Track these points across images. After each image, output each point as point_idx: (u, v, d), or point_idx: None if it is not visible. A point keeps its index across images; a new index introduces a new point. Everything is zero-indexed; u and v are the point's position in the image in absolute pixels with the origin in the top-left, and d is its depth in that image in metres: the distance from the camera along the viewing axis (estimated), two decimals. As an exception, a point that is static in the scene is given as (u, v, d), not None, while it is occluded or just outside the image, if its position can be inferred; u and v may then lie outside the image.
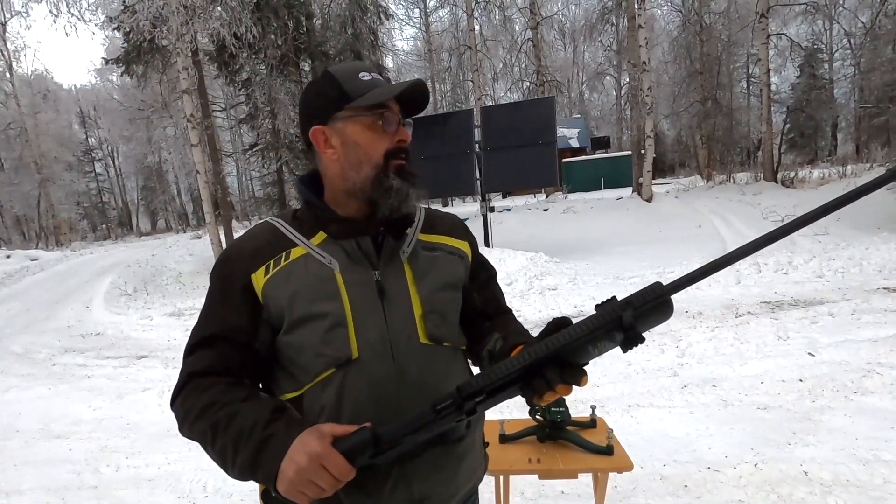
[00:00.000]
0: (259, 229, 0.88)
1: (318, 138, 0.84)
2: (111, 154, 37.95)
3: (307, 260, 0.82)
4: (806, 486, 2.17)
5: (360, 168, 0.83)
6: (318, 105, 0.85)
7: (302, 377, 0.80)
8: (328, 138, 0.84)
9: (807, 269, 6.24)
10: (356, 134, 0.82)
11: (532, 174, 8.99)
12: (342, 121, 0.83)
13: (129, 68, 11.39)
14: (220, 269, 0.86)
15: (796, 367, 3.43)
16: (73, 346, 6.63)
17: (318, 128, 0.84)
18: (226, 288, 0.84)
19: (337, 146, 0.83)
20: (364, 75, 0.84)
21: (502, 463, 1.42)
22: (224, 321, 0.82)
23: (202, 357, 0.81)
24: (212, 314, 0.84)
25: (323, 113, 0.84)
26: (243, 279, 0.82)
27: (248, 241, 0.86)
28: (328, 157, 0.85)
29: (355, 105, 0.82)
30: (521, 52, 17.95)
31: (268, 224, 0.88)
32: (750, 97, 24.65)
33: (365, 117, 0.82)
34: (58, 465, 3.15)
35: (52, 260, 14.39)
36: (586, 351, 0.65)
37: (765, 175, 13.73)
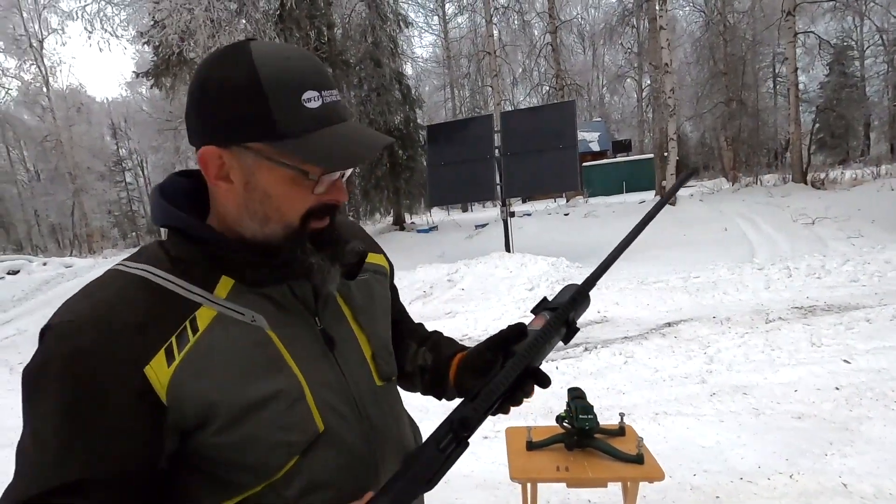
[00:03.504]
0: (127, 288, 0.56)
1: (208, 162, 0.57)
2: (140, 164, 39.19)
3: (224, 324, 0.57)
4: (845, 499, 2.08)
5: (266, 223, 0.59)
6: (226, 118, 0.55)
7: (251, 479, 0.58)
8: (225, 169, 0.57)
9: (840, 273, 6.03)
10: (270, 184, 0.57)
11: (553, 179, 8.94)
12: (254, 157, 0.56)
13: (157, 81, 11.76)
14: (75, 370, 0.51)
15: (831, 374, 3.31)
16: (105, 350, 6.83)
17: (212, 149, 0.56)
18: (97, 399, 0.51)
19: (237, 184, 0.58)
20: (309, 97, 0.55)
21: (530, 471, 1.41)
22: (99, 457, 0.51)
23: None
24: (69, 450, 0.50)
25: (229, 132, 0.56)
26: (132, 378, 0.52)
27: (120, 310, 0.54)
28: (220, 190, 0.60)
29: (282, 147, 0.55)
30: (541, 56, 17.90)
31: (136, 277, 0.57)
32: (777, 97, 24.07)
33: (288, 169, 0.56)
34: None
35: (85, 267, 14.89)
36: (545, 353, 0.66)
37: (794, 177, 13.35)
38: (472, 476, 2.62)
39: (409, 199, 16.27)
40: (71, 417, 0.51)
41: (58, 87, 25.95)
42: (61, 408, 0.51)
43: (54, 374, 0.51)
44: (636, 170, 24.12)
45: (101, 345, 0.52)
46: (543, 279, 7.22)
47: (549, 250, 8.91)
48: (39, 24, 23.60)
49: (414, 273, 8.39)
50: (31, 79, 24.09)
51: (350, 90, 14.40)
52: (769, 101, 23.88)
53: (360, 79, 14.58)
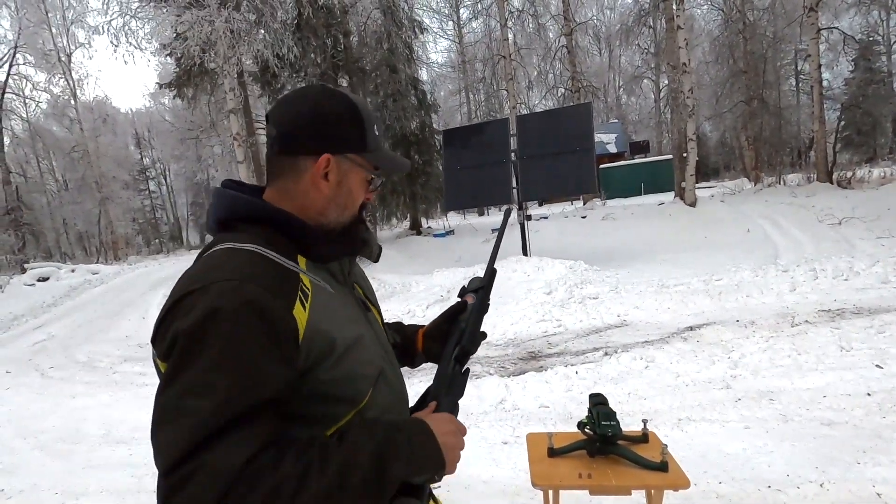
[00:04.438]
0: (251, 258, 0.70)
1: (321, 166, 0.77)
2: (163, 172, 40.15)
3: (318, 288, 0.74)
4: (879, 509, 2.02)
5: (343, 212, 0.81)
6: (339, 135, 0.79)
7: (346, 409, 0.73)
8: (327, 170, 0.78)
9: (870, 275, 5.85)
10: (354, 182, 0.81)
11: (570, 181, 8.88)
12: (350, 163, 0.80)
13: (180, 91, 12.06)
14: (247, 322, 0.63)
15: (862, 380, 3.22)
16: (131, 355, 6.99)
17: (328, 156, 0.77)
18: (272, 334, 0.64)
19: (331, 182, 0.79)
20: (376, 129, 0.84)
21: (552, 477, 1.39)
22: (277, 378, 0.64)
23: (236, 449, 0.59)
24: (249, 378, 0.61)
25: (340, 145, 0.79)
26: (288, 319, 0.66)
27: (259, 272, 0.68)
28: (318, 189, 0.78)
29: (368, 157, 0.82)
30: (556, 59, 17.84)
31: (251, 251, 0.71)
32: (799, 95, 23.54)
33: (366, 172, 0.83)
34: (120, 469, 3.32)
35: (110, 273, 15.28)
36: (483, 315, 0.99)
37: (818, 176, 13.02)
38: (492, 482, 2.61)
39: (426, 204, 16.32)
40: (253, 349, 0.63)
41: (85, 99, 26.79)
42: (238, 349, 0.62)
43: (227, 319, 0.62)
44: (654, 171, 23.80)
45: (261, 294, 0.65)
46: (561, 283, 7.17)
47: (567, 253, 8.84)
48: (67, 38, 24.39)
49: (431, 277, 8.41)
50: (59, 92, 24.89)
51: (367, 97, 14.54)
52: (791, 100, 23.36)
53: (377, 85, 14.70)
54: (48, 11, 23.42)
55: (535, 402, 3.61)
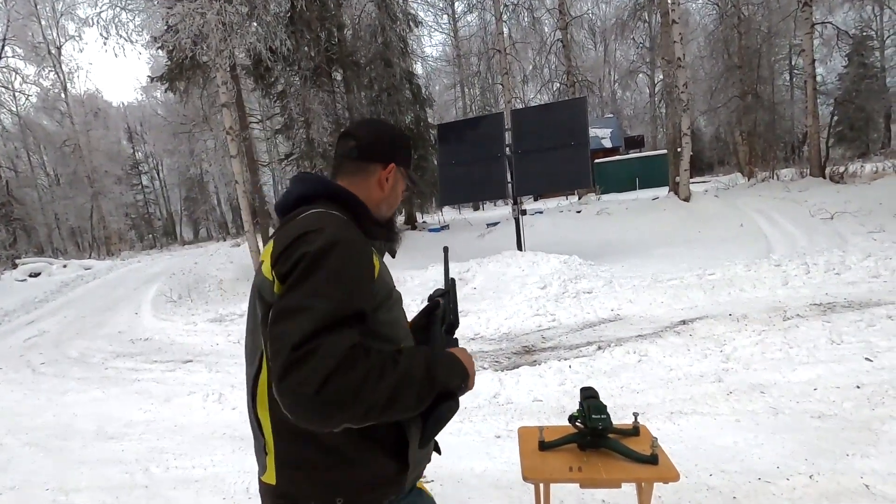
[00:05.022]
0: (345, 222, 0.94)
1: (387, 173, 1.08)
2: (156, 167, 39.81)
3: (378, 252, 1.02)
4: (868, 501, 2.04)
5: (389, 209, 1.12)
6: (403, 153, 1.13)
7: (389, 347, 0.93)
8: (389, 177, 1.09)
9: (861, 269, 5.89)
10: (399, 188, 1.13)
11: (564, 176, 8.88)
12: (402, 175, 1.13)
13: (172, 85, 11.93)
14: (347, 250, 0.86)
15: (853, 372, 3.25)
16: (123, 350, 6.96)
17: (394, 167, 1.09)
18: (359, 269, 0.88)
19: (388, 186, 1.09)
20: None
21: (542, 471, 1.40)
22: (359, 297, 0.86)
23: (344, 336, 0.80)
24: (344, 292, 0.83)
25: (401, 160, 1.12)
26: (374, 261, 0.93)
27: (353, 231, 0.93)
28: (380, 188, 1.08)
29: (409, 172, 1.15)
30: (551, 53, 17.77)
31: (343, 219, 0.94)
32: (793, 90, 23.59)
33: (406, 182, 1.15)
34: (112, 466, 3.30)
35: (103, 269, 15.17)
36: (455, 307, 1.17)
37: (811, 171, 13.07)
38: (485, 476, 2.62)
39: (421, 199, 16.29)
40: (352, 275, 0.86)
41: (76, 92, 26.50)
42: (344, 266, 0.85)
43: (342, 247, 0.86)
44: (649, 166, 23.85)
45: (361, 245, 0.91)
46: (555, 277, 7.18)
47: (562, 248, 8.85)
48: (57, 31, 24.09)
49: (426, 272, 8.40)
50: (49, 85, 24.61)
51: (361, 91, 14.45)
52: (785, 94, 23.42)
53: (371, 79, 14.62)
54: (37, 3, 23.10)
55: (528, 396, 3.62)
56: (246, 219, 10.55)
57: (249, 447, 3.37)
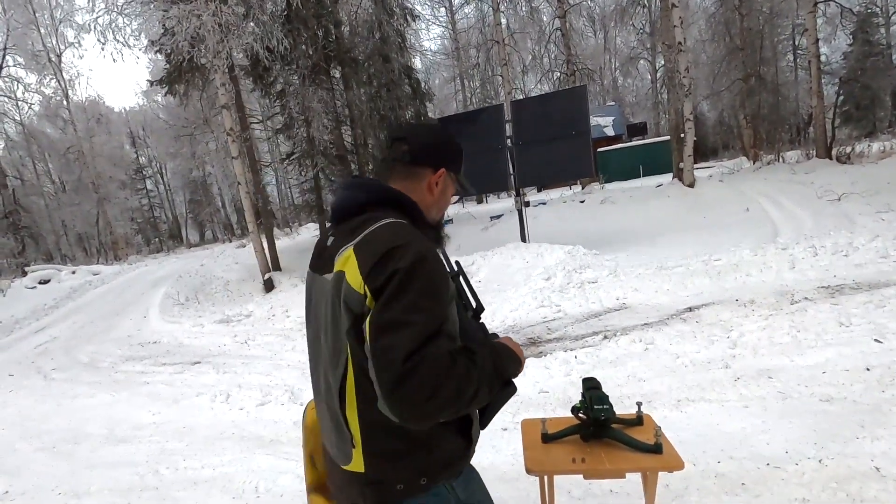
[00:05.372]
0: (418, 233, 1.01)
1: (437, 178, 1.13)
2: (160, 171, 39.98)
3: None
4: (878, 483, 2.02)
5: (439, 212, 1.18)
6: (453, 158, 1.17)
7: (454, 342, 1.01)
8: (440, 182, 1.13)
9: (869, 250, 5.81)
10: (448, 193, 1.18)
11: (566, 166, 8.82)
12: (451, 179, 1.17)
13: (171, 88, 11.93)
14: (432, 265, 0.95)
15: (862, 355, 3.21)
16: (132, 354, 7.01)
17: (444, 172, 1.14)
18: (445, 278, 0.98)
19: (438, 190, 1.14)
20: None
21: (546, 463, 1.38)
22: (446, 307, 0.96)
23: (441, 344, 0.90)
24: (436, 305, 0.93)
25: (451, 165, 1.16)
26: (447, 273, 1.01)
27: (426, 241, 1.00)
28: (430, 192, 1.14)
29: (459, 177, 1.20)
30: (550, 42, 17.60)
31: (415, 230, 1.02)
32: (797, 70, 23.27)
33: (455, 187, 1.20)
34: (122, 468, 3.33)
35: (111, 274, 15.29)
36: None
37: (817, 152, 12.91)
38: (491, 469, 2.61)
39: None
40: (436, 284, 0.94)
41: (77, 99, 26.63)
42: (432, 281, 0.93)
43: (429, 263, 0.93)
44: (652, 153, 23.66)
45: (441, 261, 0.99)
46: (560, 268, 7.15)
47: (566, 239, 8.81)
48: (57, 38, 24.14)
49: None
50: (51, 93, 24.71)
51: (360, 87, 14.40)
52: (789, 76, 23.08)
53: (370, 75, 14.55)
54: (36, 11, 23.14)
55: (534, 387, 3.61)
56: (249, 220, 10.56)
57: (257, 447, 3.39)
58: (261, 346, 6.43)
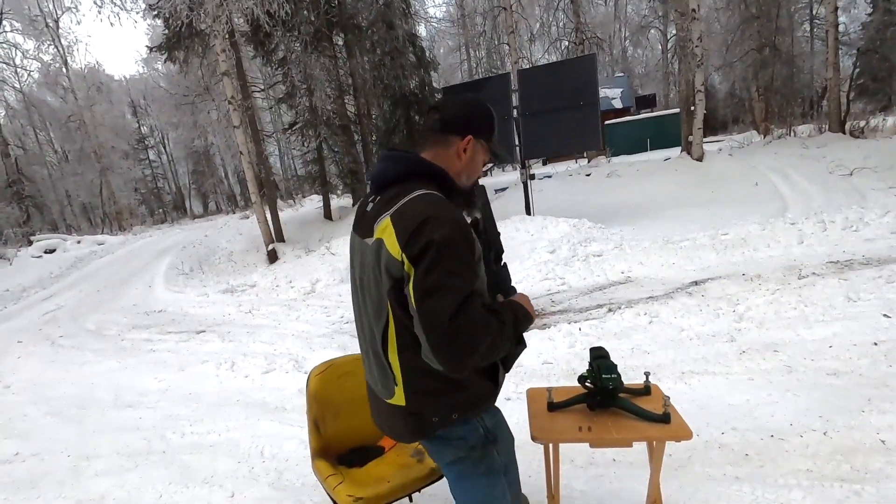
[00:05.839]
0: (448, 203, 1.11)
1: (465, 144, 1.20)
2: (162, 141, 39.64)
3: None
4: (883, 456, 2.01)
5: (469, 178, 1.25)
6: (481, 126, 1.22)
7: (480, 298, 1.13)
8: (467, 148, 1.20)
9: (880, 225, 5.72)
10: (480, 159, 1.25)
11: (574, 138, 8.65)
12: (481, 146, 1.23)
13: (171, 54, 11.68)
14: (462, 235, 1.06)
15: (870, 329, 3.17)
16: (138, 322, 7.08)
17: (471, 139, 1.20)
18: (471, 245, 1.08)
19: (467, 156, 1.21)
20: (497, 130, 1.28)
21: (551, 431, 1.37)
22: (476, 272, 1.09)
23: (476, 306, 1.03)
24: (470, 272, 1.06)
25: (479, 132, 1.22)
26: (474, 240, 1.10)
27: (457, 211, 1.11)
28: (459, 158, 1.21)
29: (491, 145, 1.25)
30: (559, 9, 17.06)
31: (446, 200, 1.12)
32: (813, 41, 22.54)
33: (487, 154, 1.26)
34: (130, 433, 3.38)
35: (116, 244, 15.34)
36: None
37: (830, 126, 12.62)
38: (495, 437, 2.62)
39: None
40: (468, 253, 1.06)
41: (77, 66, 26.16)
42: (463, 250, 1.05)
43: (452, 233, 1.03)
44: (661, 126, 23.22)
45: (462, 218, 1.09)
46: (565, 241, 7.09)
47: (571, 212, 8.72)
48: (53, 3, 23.60)
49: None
50: (50, 59, 24.31)
51: (363, 55, 14.06)
52: (805, 46, 22.38)
53: (373, 42, 14.17)
54: (30, -27, 22.55)
55: (538, 359, 3.61)
56: (252, 190, 10.49)
57: (262, 413, 3.43)
58: (265, 315, 6.46)
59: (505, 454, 1.26)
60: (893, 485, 1.83)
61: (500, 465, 1.23)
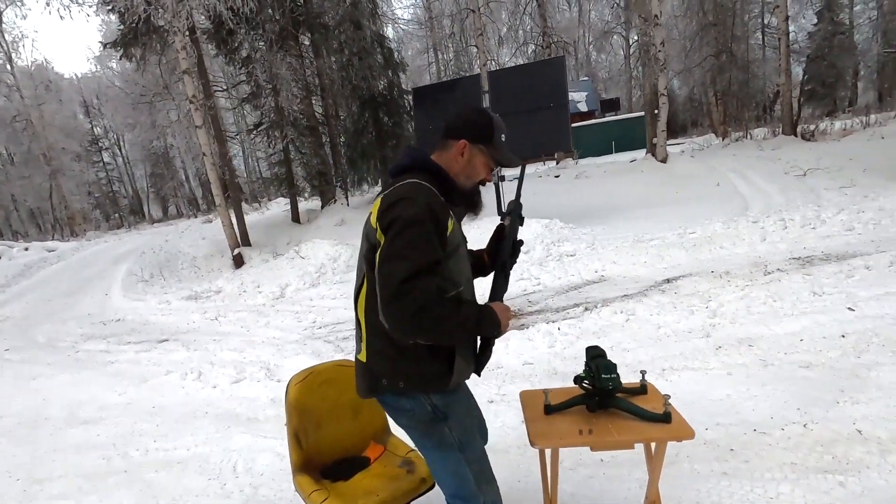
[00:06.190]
0: (431, 192, 1.24)
1: (460, 147, 1.32)
2: (118, 142, 37.91)
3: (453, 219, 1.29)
4: (862, 446, 2.05)
5: (468, 180, 1.35)
6: (476, 132, 1.33)
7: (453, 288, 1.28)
8: (464, 152, 1.32)
9: (836, 223, 5.99)
10: (478, 162, 1.35)
11: (544, 139, 8.73)
12: (478, 150, 1.34)
13: (127, 51, 11.14)
14: (430, 217, 1.17)
15: (836, 322, 3.28)
16: (94, 332, 6.68)
17: (465, 142, 1.32)
18: (438, 231, 1.19)
19: (465, 159, 1.33)
20: (503, 136, 1.37)
21: (551, 436, 1.31)
22: (439, 251, 1.18)
23: (431, 280, 1.14)
24: (430, 247, 1.16)
25: (474, 137, 1.33)
26: (445, 226, 1.22)
27: (435, 199, 1.23)
28: (456, 161, 1.34)
29: (490, 149, 1.34)
30: (525, 14, 17.24)
31: (431, 190, 1.24)
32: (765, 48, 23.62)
33: (488, 159, 1.35)
34: (87, 451, 3.15)
35: (68, 250, 14.52)
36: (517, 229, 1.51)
37: (783, 129, 13.21)
38: (480, 441, 2.56)
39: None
40: (428, 236, 1.16)
41: (22, 64, 24.72)
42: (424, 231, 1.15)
43: (419, 213, 1.16)
44: (625, 129, 23.84)
45: (438, 212, 1.20)
46: (538, 241, 7.12)
47: (542, 213, 8.79)
48: (-5, -5, 22.21)
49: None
50: (-8, 56, 22.88)
51: (331, 55, 13.82)
52: (758, 53, 23.43)
53: (340, 42, 13.96)
54: (-31, -36, 21.18)
55: (518, 359, 3.58)
56: (216, 192, 10.10)
57: (234, 424, 3.26)
58: (232, 322, 6.21)
59: (460, 432, 1.31)
60: (875, 475, 1.87)
61: (452, 441, 1.30)
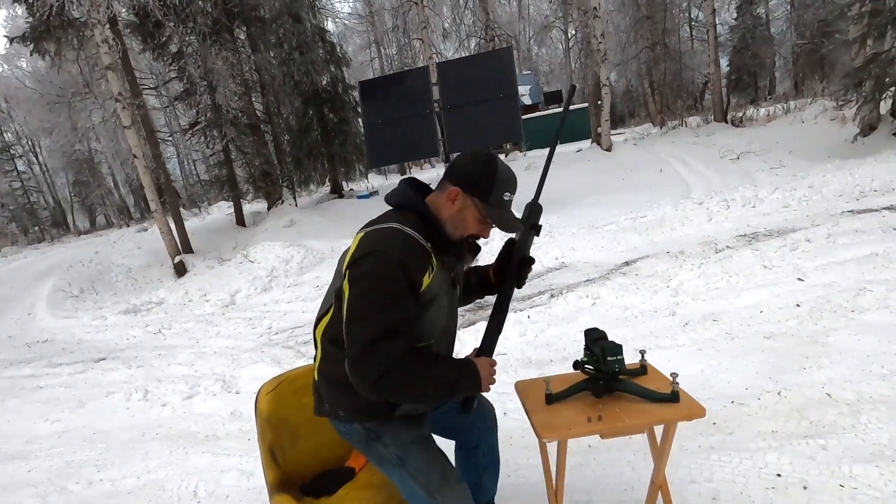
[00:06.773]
0: (411, 241, 1.16)
1: (452, 194, 1.23)
2: (33, 149, 34.73)
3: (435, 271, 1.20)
4: (834, 408, 2.12)
5: (455, 230, 1.25)
6: (472, 182, 1.22)
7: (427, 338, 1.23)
8: (455, 200, 1.23)
9: (772, 201, 6.35)
10: (469, 215, 1.24)
11: (496, 130, 8.73)
12: (471, 202, 1.23)
13: (38, 46, 10.14)
14: (402, 275, 1.11)
15: (790, 293, 3.43)
16: (18, 357, 6.02)
17: (458, 190, 1.22)
18: (409, 286, 1.12)
19: (456, 208, 1.23)
20: (507, 195, 1.24)
21: (559, 427, 1.22)
22: (409, 310, 1.13)
23: (398, 342, 1.09)
24: (396, 308, 1.10)
25: (469, 188, 1.22)
26: (418, 282, 1.14)
27: (412, 251, 1.15)
28: (447, 207, 1.24)
29: (486, 207, 1.22)
30: (467, 7, 17.23)
31: (410, 235, 1.16)
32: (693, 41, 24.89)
33: (480, 214, 1.23)
34: (17, 490, 2.78)
35: (-20, 268, 13.11)
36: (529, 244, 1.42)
37: (715, 116, 13.97)
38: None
39: (345, 166, 15.49)
40: (397, 292, 1.11)
41: (-89, 63, 22.04)
42: (393, 287, 1.11)
43: (390, 271, 1.11)
44: (570, 120, 24.42)
45: (411, 261, 1.14)
46: (496, 232, 7.10)
47: (498, 204, 8.79)
48: None
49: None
50: None
51: (269, 49, 13.21)
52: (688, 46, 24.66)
53: (279, 36, 13.40)
54: None
55: (490, 351, 3.50)
56: (152, 198, 9.39)
57: (190, 445, 2.98)
58: (178, 334, 5.78)
59: (396, 447, 1.27)
60: (851, 436, 1.92)
61: (390, 458, 1.27)
